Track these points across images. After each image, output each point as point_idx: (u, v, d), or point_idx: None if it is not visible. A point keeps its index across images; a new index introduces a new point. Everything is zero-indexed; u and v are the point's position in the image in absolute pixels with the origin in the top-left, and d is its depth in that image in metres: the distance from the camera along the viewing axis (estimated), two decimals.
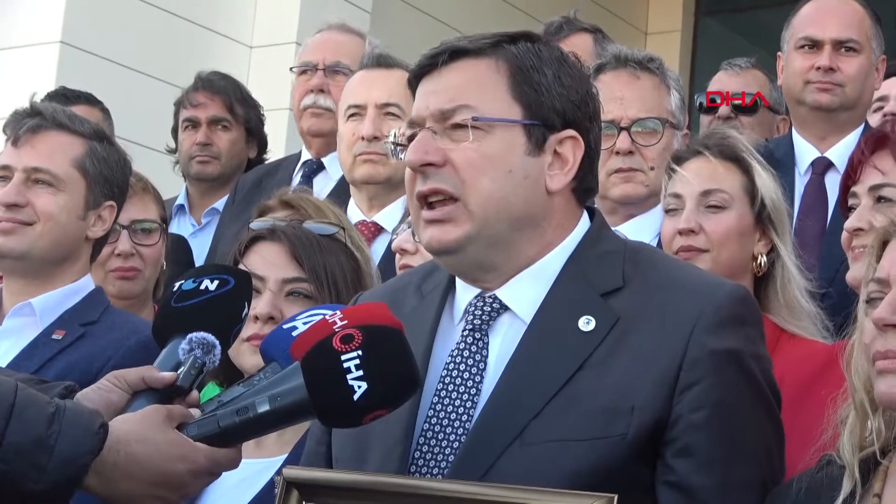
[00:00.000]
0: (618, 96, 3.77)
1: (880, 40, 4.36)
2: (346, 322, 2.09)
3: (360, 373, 2.02)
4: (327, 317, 2.11)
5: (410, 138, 2.30)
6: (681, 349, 2.16)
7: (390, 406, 2.09)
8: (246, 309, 2.41)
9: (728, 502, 2.15)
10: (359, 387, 2.02)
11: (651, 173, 3.76)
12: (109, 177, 3.38)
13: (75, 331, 3.27)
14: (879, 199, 3.05)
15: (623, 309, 2.22)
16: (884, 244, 2.27)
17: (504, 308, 2.28)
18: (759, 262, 3.19)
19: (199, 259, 4.88)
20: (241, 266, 2.88)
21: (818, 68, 4.24)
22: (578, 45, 4.62)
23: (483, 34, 2.35)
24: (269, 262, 2.89)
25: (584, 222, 2.36)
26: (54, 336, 3.26)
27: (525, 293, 2.28)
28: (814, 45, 4.30)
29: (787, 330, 3.13)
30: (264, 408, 2.10)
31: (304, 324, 2.23)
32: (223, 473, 2.72)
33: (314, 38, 5.17)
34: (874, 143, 3.11)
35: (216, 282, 2.35)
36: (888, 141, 3.09)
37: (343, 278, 2.89)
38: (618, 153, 3.74)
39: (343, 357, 2.03)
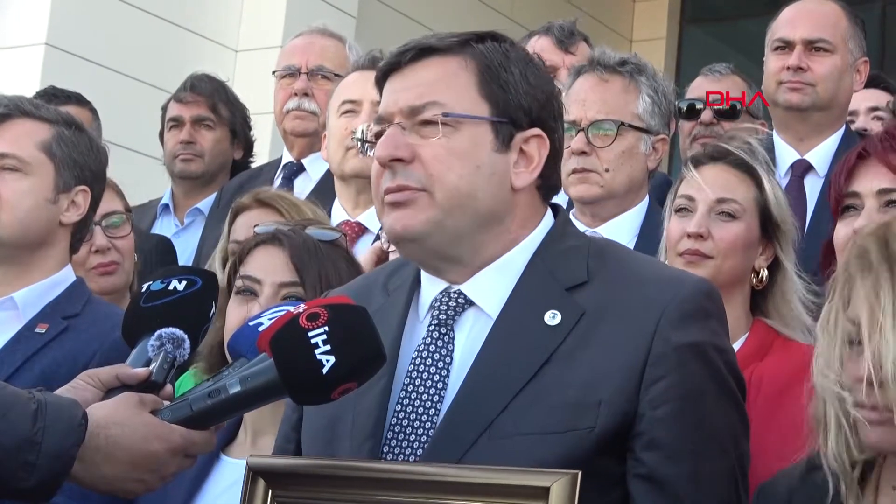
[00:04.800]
0: (581, 98, 3.83)
1: (860, 42, 4.37)
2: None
3: (328, 347, 2.06)
4: (291, 310, 2.15)
5: (378, 135, 2.32)
6: (646, 344, 2.17)
7: (359, 379, 2.12)
8: (213, 308, 2.46)
9: (699, 492, 2.17)
10: (327, 360, 2.05)
11: (606, 175, 3.79)
12: (79, 160, 3.38)
13: (58, 324, 3.28)
14: (888, 204, 2.96)
15: (588, 303, 2.23)
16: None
17: (469, 303, 2.29)
18: (760, 276, 3.20)
19: (182, 259, 4.90)
20: (242, 268, 2.94)
21: (788, 68, 4.27)
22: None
23: (451, 33, 2.36)
24: (267, 266, 2.92)
25: (549, 219, 2.37)
26: (37, 330, 3.27)
27: (490, 288, 2.29)
28: (786, 45, 4.34)
29: (782, 334, 3.15)
30: (235, 389, 2.13)
31: (270, 319, 2.26)
32: (216, 475, 2.76)
33: (295, 41, 5.18)
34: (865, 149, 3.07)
35: (184, 282, 2.41)
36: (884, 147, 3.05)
37: (339, 284, 2.87)
38: (574, 153, 3.78)
39: (310, 333, 2.07)
